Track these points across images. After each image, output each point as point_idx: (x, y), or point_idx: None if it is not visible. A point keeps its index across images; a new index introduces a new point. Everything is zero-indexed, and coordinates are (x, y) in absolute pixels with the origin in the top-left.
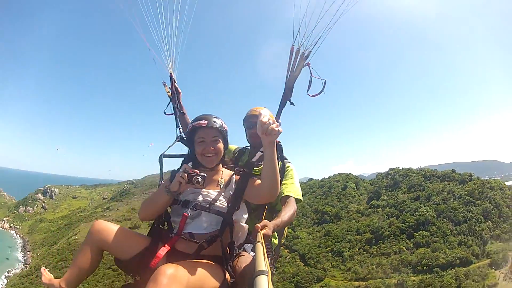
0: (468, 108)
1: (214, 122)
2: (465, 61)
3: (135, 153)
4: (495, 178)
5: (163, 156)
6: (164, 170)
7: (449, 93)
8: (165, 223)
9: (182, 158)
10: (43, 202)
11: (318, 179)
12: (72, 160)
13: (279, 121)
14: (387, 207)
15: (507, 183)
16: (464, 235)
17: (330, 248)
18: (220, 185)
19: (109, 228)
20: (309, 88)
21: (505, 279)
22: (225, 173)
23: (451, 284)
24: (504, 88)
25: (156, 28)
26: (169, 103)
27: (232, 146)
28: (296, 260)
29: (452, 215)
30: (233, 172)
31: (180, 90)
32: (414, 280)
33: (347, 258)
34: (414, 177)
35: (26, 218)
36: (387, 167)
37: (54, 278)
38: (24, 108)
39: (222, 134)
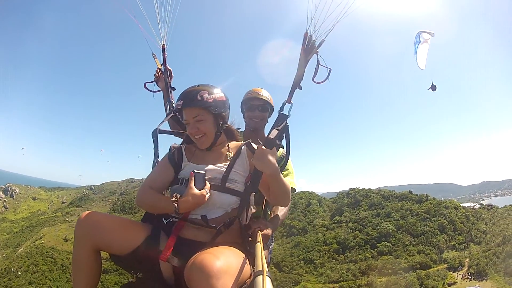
0: (422, 131)
1: (192, 100)
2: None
3: (93, 159)
4: (451, 199)
5: (158, 131)
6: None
7: (399, 117)
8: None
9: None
10: (4, 201)
11: None
12: (32, 160)
13: (291, 102)
14: (350, 222)
15: (462, 204)
16: (422, 245)
17: (302, 256)
18: (229, 159)
19: (102, 220)
20: (315, 75)
21: (463, 279)
22: (231, 146)
23: (414, 283)
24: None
25: None
26: (154, 80)
27: None
28: (272, 267)
29: (411, 229)
30: (241, 143)
31: (171, 69)
32: (381, 281)
33: (319, 265)
34: (373, 196)
35: None
36: (338, 187)
37: None
38: None
39: (207, 109)
